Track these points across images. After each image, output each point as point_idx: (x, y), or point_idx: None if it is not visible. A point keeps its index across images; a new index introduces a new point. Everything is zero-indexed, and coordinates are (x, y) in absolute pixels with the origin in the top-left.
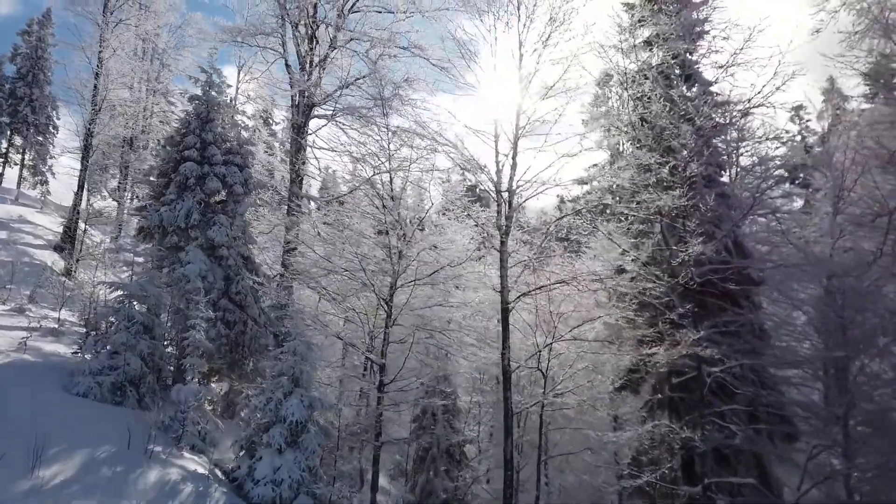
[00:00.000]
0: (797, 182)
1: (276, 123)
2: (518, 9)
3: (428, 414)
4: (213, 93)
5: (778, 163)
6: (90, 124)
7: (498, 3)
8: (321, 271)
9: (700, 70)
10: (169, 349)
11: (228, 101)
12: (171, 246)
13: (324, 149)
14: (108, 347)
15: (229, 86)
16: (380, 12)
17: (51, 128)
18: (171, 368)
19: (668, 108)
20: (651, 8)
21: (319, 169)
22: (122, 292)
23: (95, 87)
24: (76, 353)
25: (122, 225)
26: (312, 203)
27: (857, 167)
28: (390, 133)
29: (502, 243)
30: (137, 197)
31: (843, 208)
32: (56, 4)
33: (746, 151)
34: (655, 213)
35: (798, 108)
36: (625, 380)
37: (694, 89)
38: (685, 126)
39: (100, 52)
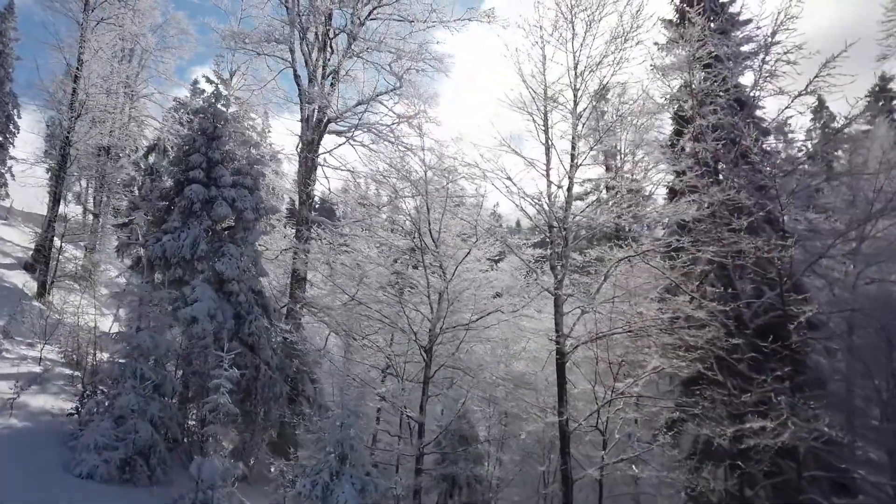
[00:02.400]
0: None
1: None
2: (573, 26)
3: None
4: (221, 106)
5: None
6: (68, 132)
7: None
8: (343, 309)
9: (758, 96)
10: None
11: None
12: (174, 280)
13: (342, 169)
14: (112, 409)
15: (238, 99)
16: (400, 20)
17: (11, 127)
18: (183, 433)
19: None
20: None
21: (330, 190)
22: (126, 344)
23: (74, 90)
24: (72, 414)
25: (99, 240)
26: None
27: None
28: (425, 155)
29: (557, 285)
30: (116, 210)
31: None
32: None
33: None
34: (734, 254)
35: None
36: (702, 450)
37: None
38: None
39: (80, 52)
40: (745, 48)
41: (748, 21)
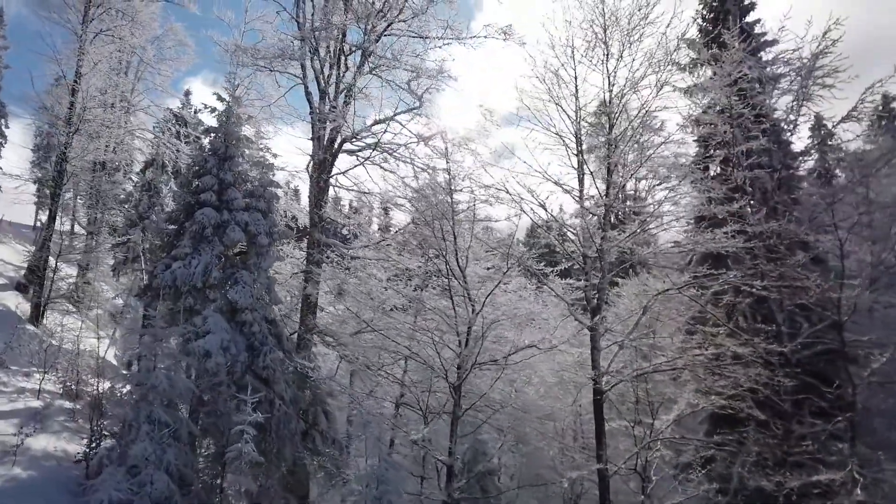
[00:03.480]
0: None
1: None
2: (606, 46)
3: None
4: (233, 125)
5: None
6: (65, 147)
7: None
8: (356, 337)
9: (794, 120)
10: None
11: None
12: (185, 309)
13: (357, 191)
14: (125, 458)
15: (251, 117)
16: (415, 37)
17: None
18: (196, 476)
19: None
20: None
21: (341, 210)
22: (139, 384)
23: (72, 104)
24: (79, 460)
25: (94, 259)
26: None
27: None
28: (450, 177)
29: (594, 320)
30: (113, 228)
31: None
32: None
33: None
34: (790, 289)
35: None
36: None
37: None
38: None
39: (78, 65)
40: (773, 69)
41: (774, 42)
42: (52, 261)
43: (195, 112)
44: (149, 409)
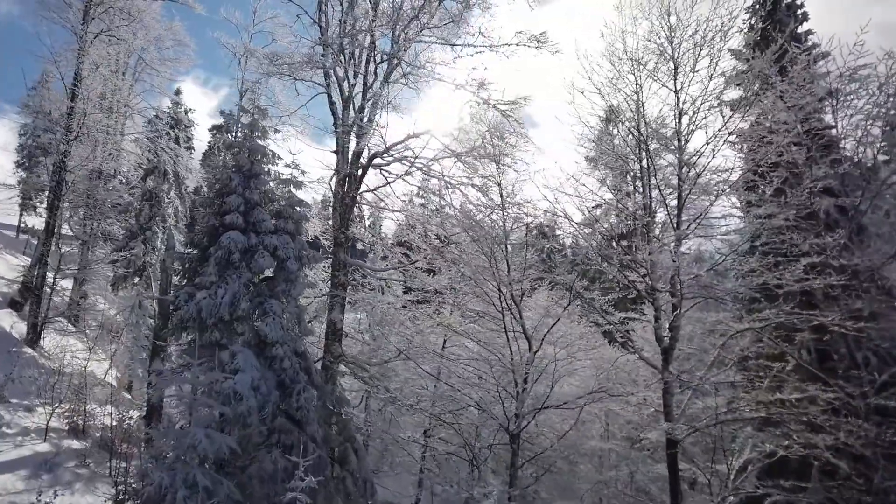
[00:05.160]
0: None
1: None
2: (673, 56)
3: None
4: (257, 138)
5: None
6: (64, 155)
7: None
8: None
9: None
10: None
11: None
12: (209, 343)
13: (389, 209)
14: None
15: (277, 131)
16: (445, 44)
17: None
18: None
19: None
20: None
21: (366, 229)
22: (175, 442)
23: (71, 109)
24: None
25: (90, 272)
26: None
27: None
28: (506, 202)
29: (665, 361)
30: (109, 238)
31: None
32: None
33: None
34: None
35: None
36: None
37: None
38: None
39: (79, 67)
40: (829, 83)
41: (827, 54)
42: (49, 276)
43: (185, 112)
44: (186, 471)
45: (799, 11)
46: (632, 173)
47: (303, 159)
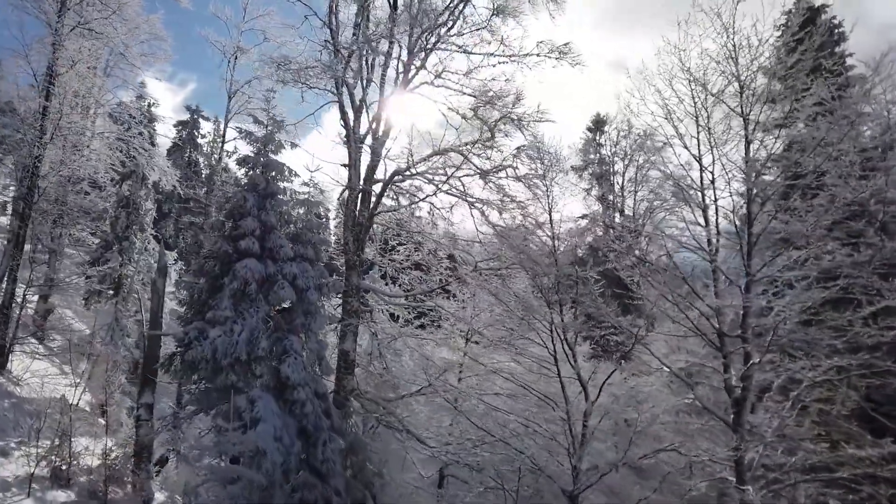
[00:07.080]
0: None
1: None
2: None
3: None
4: (272, 154)
5: None
6: (37, 159)
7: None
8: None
9: None
10: None
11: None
12: (224, 387)
13: (411, 231)
14: None
15: (295, 145)
16: (463, 53)
17: None
18: None
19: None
20: None
21: (383, 254)
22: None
23: (45, 109)
24: None
25: (59, 286)
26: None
27: None
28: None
29: (737, 414)
30: (80, 245)
31: None
32: None
33: None
34: None
35: None
36: None
37: None
38: None
39: (53, 63)
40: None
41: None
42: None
43: (149, 105)
44: None
45: (836, 31)
46: (696, 203)
47: (307, 172)
